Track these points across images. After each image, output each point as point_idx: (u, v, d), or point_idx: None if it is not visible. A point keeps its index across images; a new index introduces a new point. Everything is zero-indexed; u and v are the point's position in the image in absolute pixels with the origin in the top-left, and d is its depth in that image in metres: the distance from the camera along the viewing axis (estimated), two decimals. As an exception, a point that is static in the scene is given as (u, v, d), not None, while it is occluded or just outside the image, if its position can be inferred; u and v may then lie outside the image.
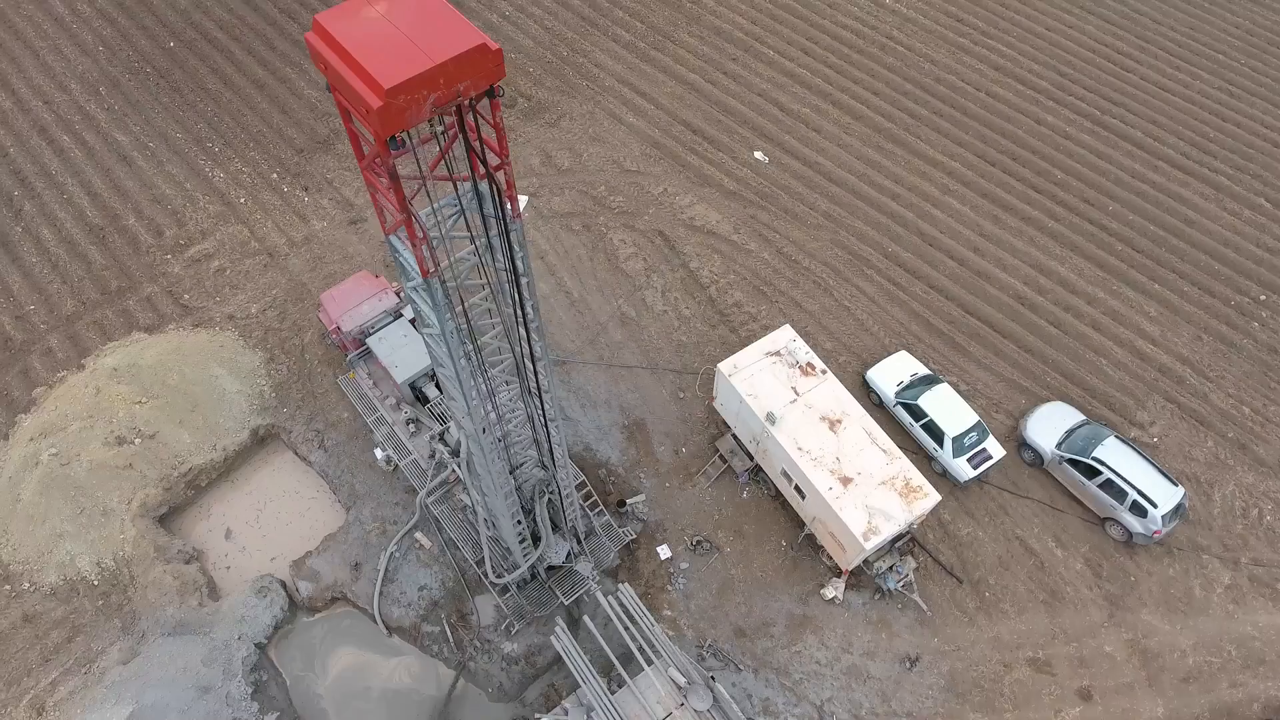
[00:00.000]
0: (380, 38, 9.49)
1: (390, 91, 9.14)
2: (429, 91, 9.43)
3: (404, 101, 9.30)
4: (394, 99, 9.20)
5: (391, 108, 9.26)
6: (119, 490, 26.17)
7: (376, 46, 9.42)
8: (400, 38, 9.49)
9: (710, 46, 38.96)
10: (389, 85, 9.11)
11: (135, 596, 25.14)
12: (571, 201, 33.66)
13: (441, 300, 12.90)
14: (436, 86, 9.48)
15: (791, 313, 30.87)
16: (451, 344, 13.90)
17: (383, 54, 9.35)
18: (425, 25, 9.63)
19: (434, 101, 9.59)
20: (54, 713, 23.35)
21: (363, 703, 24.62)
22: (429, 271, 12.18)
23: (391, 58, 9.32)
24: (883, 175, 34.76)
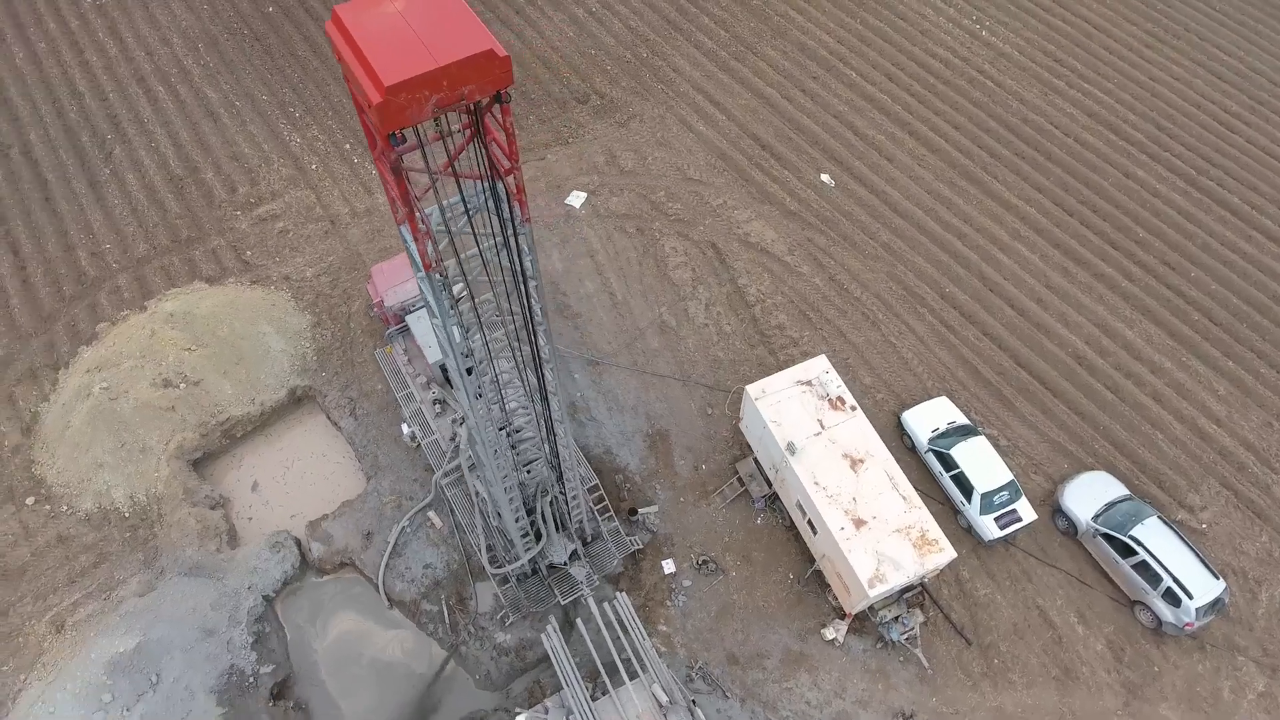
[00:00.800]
0: (391, 34, 9.58)
1: (390, 89, 9.21)
2: (431, 92, 9.47)
3: (404, 100, 9.37)
4: (394, 96, 9.28)
5: (391, 105, 9.34)
6: (159, 430, 27.38)
7: (385, 43, 9.51)
8: (411, 36, 9.56)
9: (792, 62, 38.35)
10: (389, 83, 9.18)
11: (160, 533, 26.27)
12: (629, 203, 33.63)
13: (442, 293, 12.99)
14: (439, 88, 9.51)
15: (835, 342, 30.18)
16: (451, 336, 14.00)
17: (390, 51, 9.43)
18: (437, 26, 9.67)
19: (436, 102, 9.62)
20: (71, 632, 24.59)
21: (355, 668, 25.18)
22: (430, 265, 12.28)
23: (397, 55, 9.39)
24: (951, 213, 33.63)
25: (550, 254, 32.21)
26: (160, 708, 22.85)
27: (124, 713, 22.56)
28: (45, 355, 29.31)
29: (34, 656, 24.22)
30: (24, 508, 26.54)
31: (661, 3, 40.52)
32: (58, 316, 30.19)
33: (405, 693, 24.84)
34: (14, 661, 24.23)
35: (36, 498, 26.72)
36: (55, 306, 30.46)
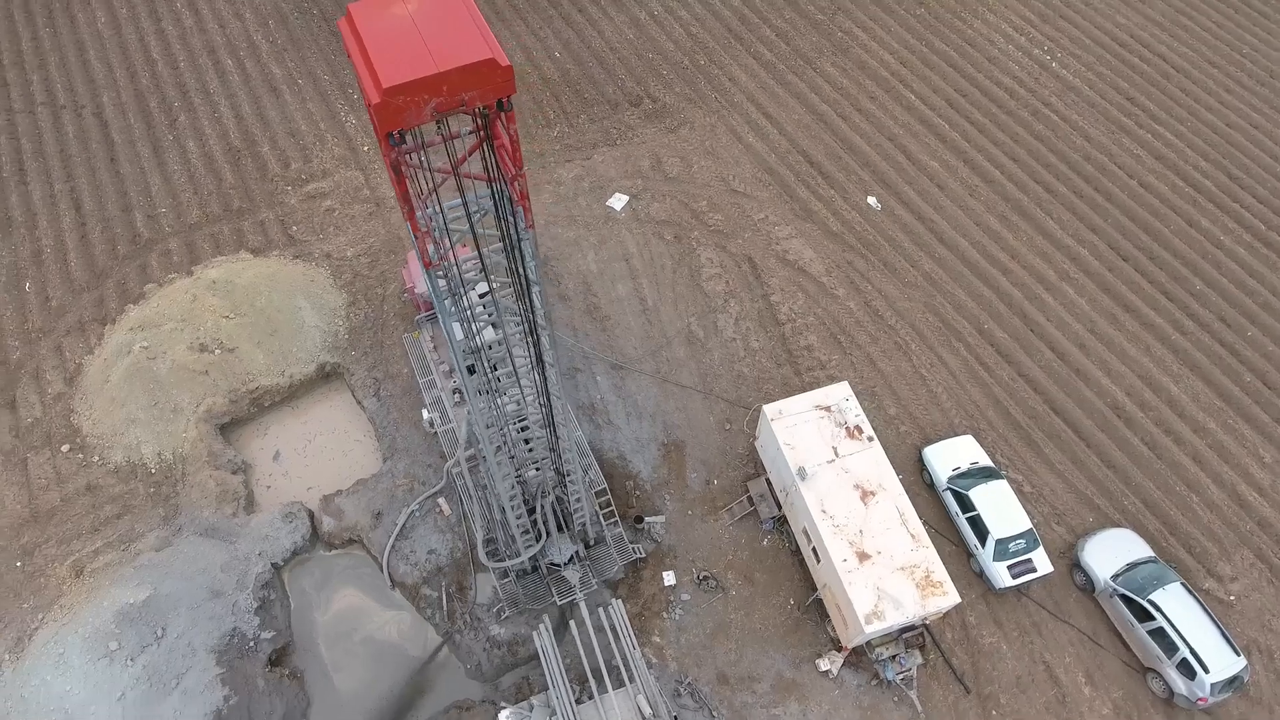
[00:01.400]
0: (397, 36, 9.69)
1: (388, 90, 9.31)
2: (430, 96, 9.54)
3: (402, 102, 9.46)
4: (392, 98, 9.37)
5: (389, 106, 9.44)
6: (191, 393, 28.26)
7: (390, 44, 9.62)
8: (416, 39, 9.65)
9: (851, 80, 37.76)
10: (388, 84, 9.28)
11: (181, 492, 27.13)
12: (670, 210, 33.52)
13: (442, 290, 13.11)
14: (439, 93, 9.58)
15: (863, 369, 29.64)
16: (452, 331, 14.12)
17: (393, 53, 9.53)
18: (444, 30, 9.74)
19: (435, 107, 9.69)
20: (89, 578, 25.56)
21: (351, 644, 25.65)
22: (430, 263, 12.39)
23: (400, 58, 9.49)
24: (999, 247, 32.73)
25: (586, 254, 32.30)
26: (162, 661, 23.60)
27: (128, 662, 23.35)
28: (95, 310, 30.51)
29: (53, 598, 25.23)
30: (59, 454, 27.68)
31: (725, 11, 40.28)
32: (110, 274, 31.39)
33: (397, 673, 25.20)
34: (34, 600, 25.28)
35: (71, 446, 27.83)
36: (108, 264, 31.67)
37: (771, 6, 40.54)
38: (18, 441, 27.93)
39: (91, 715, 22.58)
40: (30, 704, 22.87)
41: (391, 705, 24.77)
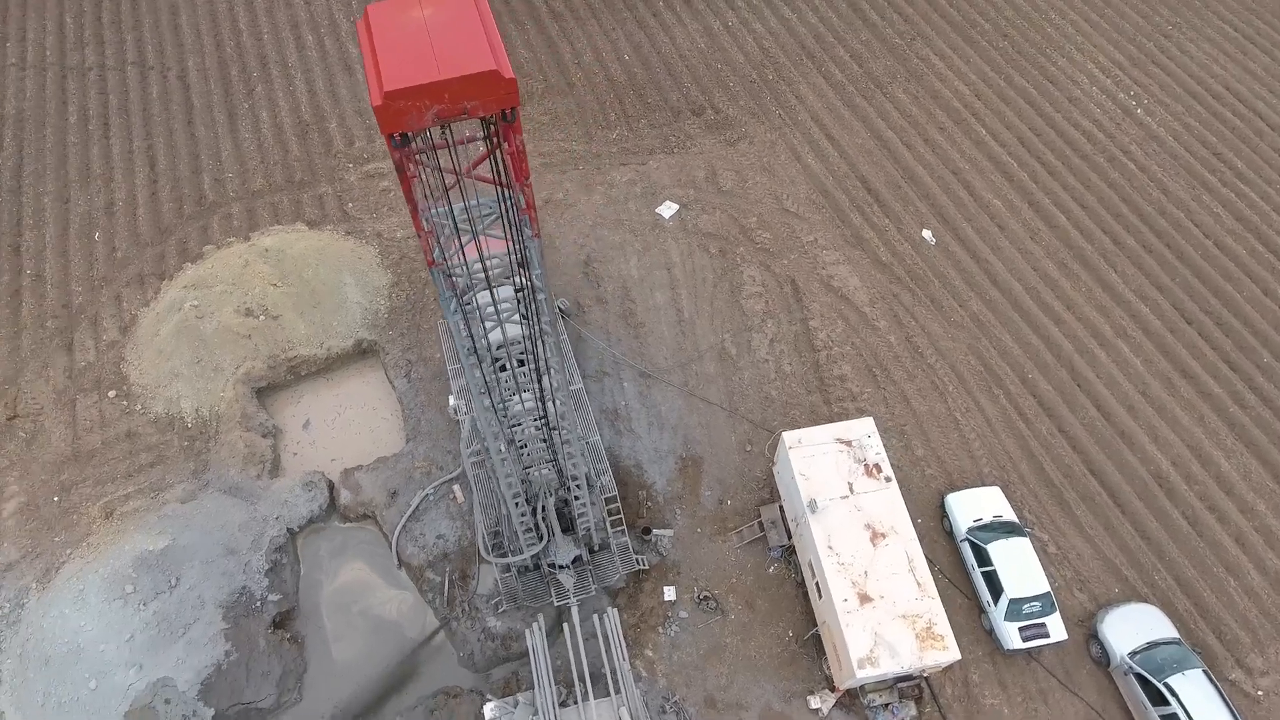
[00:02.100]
0: (408, 40, 9.79)
1: (389, 94, 9.43)
2: (431, 102, 9.63)
3: (404, 106, 9.56)
4: (392, 102, 9.49)
5: (389, 109, 9.55)
6: (233, 355, 29.25)
7: (399, 48, 9.73)
8: (425, 44, 9.74)
9: (921, 108, 36.85)
10: (389, 88, 9.40)
11: (212, 449, 28.11)
12: (718, 224, 33.27)
13: (445, 289, 13.24)
14: (440, 100, 9.65)
15: (895, 405, 28.92)
16: (456, 328, 14.26)
17: (400, 56, 9.64)
18: (454, 38, 9.81)
19: (437, 113, 9.77)
20: (117, 521, 26.70)
21: (352, 616, 26.21)
22: (433, 262, 12.53)
23: (406, 62, 9.60)
24: (1055, 295, 31.52)
25: (629, 259, 32.30)
26: (172, 609, 24.50)
27: (140, 606, 24.32)
28: (155, 265, 31.84)
29: (82, 535, 26.44)
30: (105, 399, 28.97)
31: (801, 28, 39.76)
32: (174, 232, 32.71)
33: (392, 651, 25.64)
34: (65, 535, 26.52)
35: (118, 392, 29.10)
36: (173, 222, 33.01)
37: (849, 27, 39.86)
38: (70, 383, 29.33)
39: (101, 652, 23.58)
40: (47, 634, 24.01)
41: (383, 682, 25.20)
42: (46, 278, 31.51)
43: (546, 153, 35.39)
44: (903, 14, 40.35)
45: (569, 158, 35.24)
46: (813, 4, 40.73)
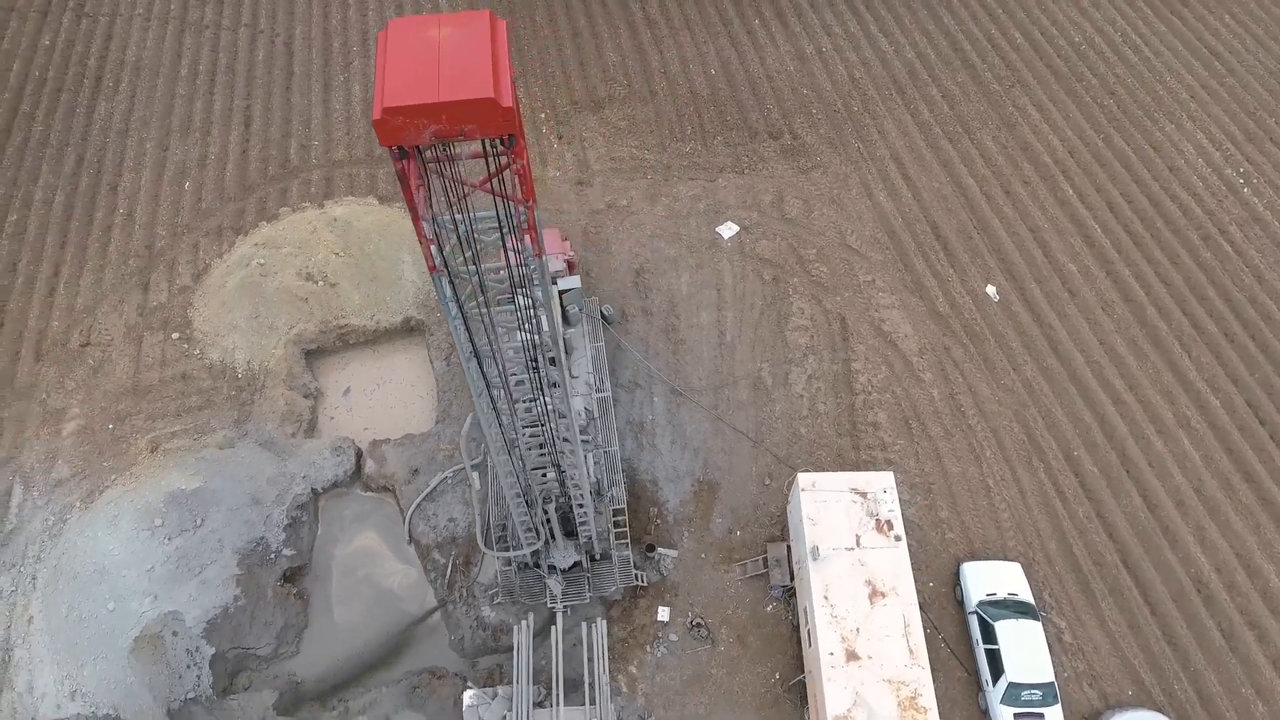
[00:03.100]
0: (417, 58, 10.08)
1: (388, 110, 9.73)
2: (429, 122, 9.88)
3: (401, 123, 9.85)
4: (390, 118, 9.79)
5: (388, 124, 9.86)
6: (288, 315, 30.59)
7: (407, 65, 10.02)
8: (431, 65, 10.00)
9: (1008, 158, 35.52)
10: (387, 105, 9.71)
11: (256, 402, 29.48)
12: (776, 250, 32.88)
13: (448, 294, 13.55)
14: (438, 120, 9.90)
15: (927, 462, 28.07)
16: (458, 334, 14.58)
17: (406, 74, 9.93)
18: (461, 61, 10.04)
19: (435, 133, 10.03)
20: (160, 456, 28.29)
21: (355, 583, 27.11)
22: (434, 267, 12.84)
23: (410, 80, 9.88)
24: (1118, 373, 29.96)
25: (681, 275, 32.27)
26: (193, 548, 25.85)
27: (165, 540, 25.74)
28: (234, 220, 33.55)
29: (128, 465, 28.14)
30: (169, 340, 30.73)
31: (896, 62, 38.86)
32: (255, 190, 34.39)
33: (389, 622, 26.41)
34: (114, 462, 28.29)
35: (181, 335, 30.83)
36: (257, 181, 34.69)
37: (946, 66, 38.73)
38: (140, 320, 31.22)
39: (122, 577, 25.09)
40: (80, 552, 25.68)
41: (376, 650, 26.01)
42: (136, 219, 33.59)
43: (618, 158, 35.66)
44: (1006, 59, 38.96)
45: (639, 166, 35.41)
46: (912, 38, 39.73)
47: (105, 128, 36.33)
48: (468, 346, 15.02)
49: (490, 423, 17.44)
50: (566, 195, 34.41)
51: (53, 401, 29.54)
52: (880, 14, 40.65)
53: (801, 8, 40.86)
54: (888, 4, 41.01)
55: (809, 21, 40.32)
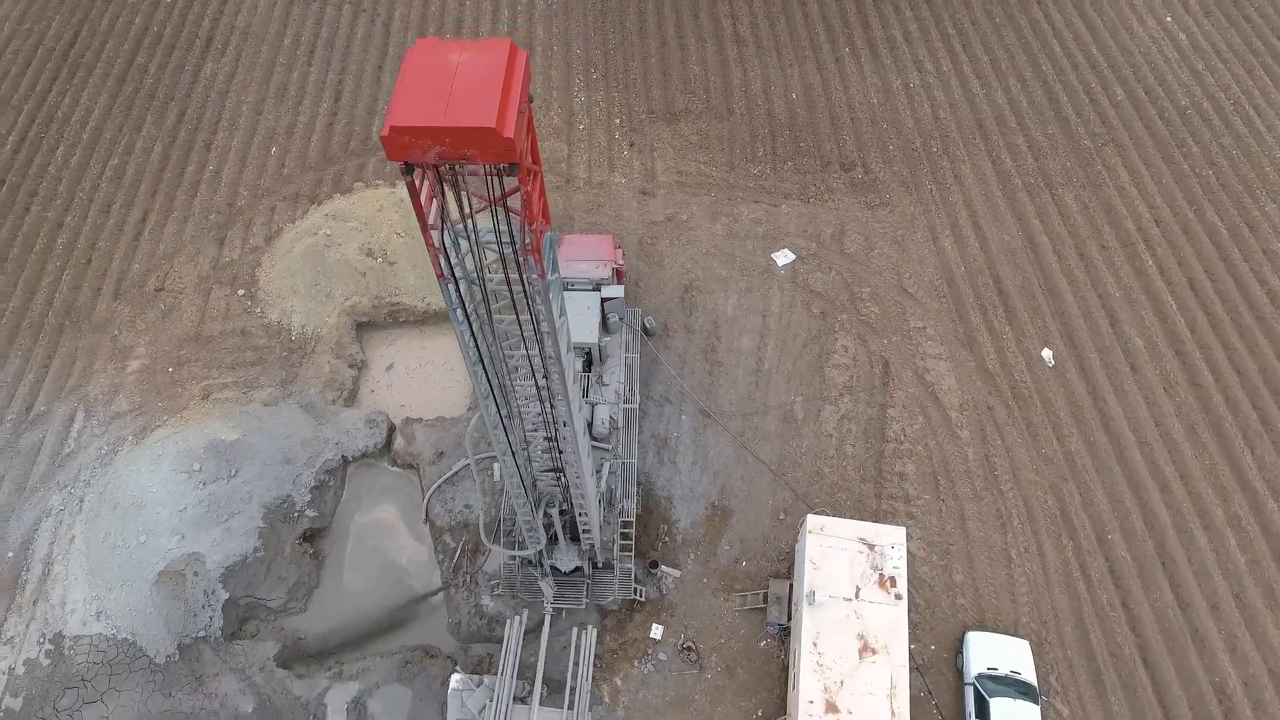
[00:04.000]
0: (432, 80, 10.45)
1: (394, 129, 10.15)
2: (432, 143, 10.26)
3: (406, 141, 10.25)
4: (397, 136, 10.20)
5: (394, 141, 10.28)
6: (345, 287, 31.84)
7: (421, 86, 10.41)
8: (444, 88, 10.36)
9: (1088, 220, 34.10)
10: (393, 123, 10.12)
11: (303, 365, 30.83)
12: (829, 285, 32.44)
13: (455, 301, 13.97)
14: (441, 142, 10.26)
15: (949, 522, 27.31)
16: (464, 340, 15.01)
17: (418, 94, 10.33)
18: (472, 87, 10.37)
19: (438, 154, 10.40)
20: (210, 403, 29.88)
21: (368, 552, 28.10)
22: (441, 274, 13.27)
23: (420, 101, 10.27)
24: (1170, 459, 28.50)
25: (729, 296, 32.18)
26: (223, 496, 27.24)
27: (200, 485, 27.21)
28: (311, 189, 35.07)
29: (180, 407, 29.84)
30: (234, 295, 32.39)
31: (984, 105, 37.74)
32: (335, 163, 35.87)
33: (393, 595, 27.30)
34: (167, 403, 30.04)
35: (246, 292, 32.46)
36: (338, 154, 36.17)
37: (1038, 116, 37.40)
38: (212, 273, 33.00)
39: (156, 513, 26.65)
40: (122, 482, 27.40)
41: (376, 620, 26.93)
42: (223, 177, 35.48)
43: (685, 172, 35.76)
44: (1103, 115, 37.37)
45: (704, 182, 35.43)
46: (1006, 83, 38.51)
47: (208, 87, 38.46)
48: (473, 352, 15.42)
49: (495, 424, 17.86)
50: (628, 203, 34.71)
51: (123, 339, 31.54)
52: (977, 54, 39.53)
53: (895, 41, 40.07)
54: (986, 45, 39.84)
55: (901, 55, 39.53)
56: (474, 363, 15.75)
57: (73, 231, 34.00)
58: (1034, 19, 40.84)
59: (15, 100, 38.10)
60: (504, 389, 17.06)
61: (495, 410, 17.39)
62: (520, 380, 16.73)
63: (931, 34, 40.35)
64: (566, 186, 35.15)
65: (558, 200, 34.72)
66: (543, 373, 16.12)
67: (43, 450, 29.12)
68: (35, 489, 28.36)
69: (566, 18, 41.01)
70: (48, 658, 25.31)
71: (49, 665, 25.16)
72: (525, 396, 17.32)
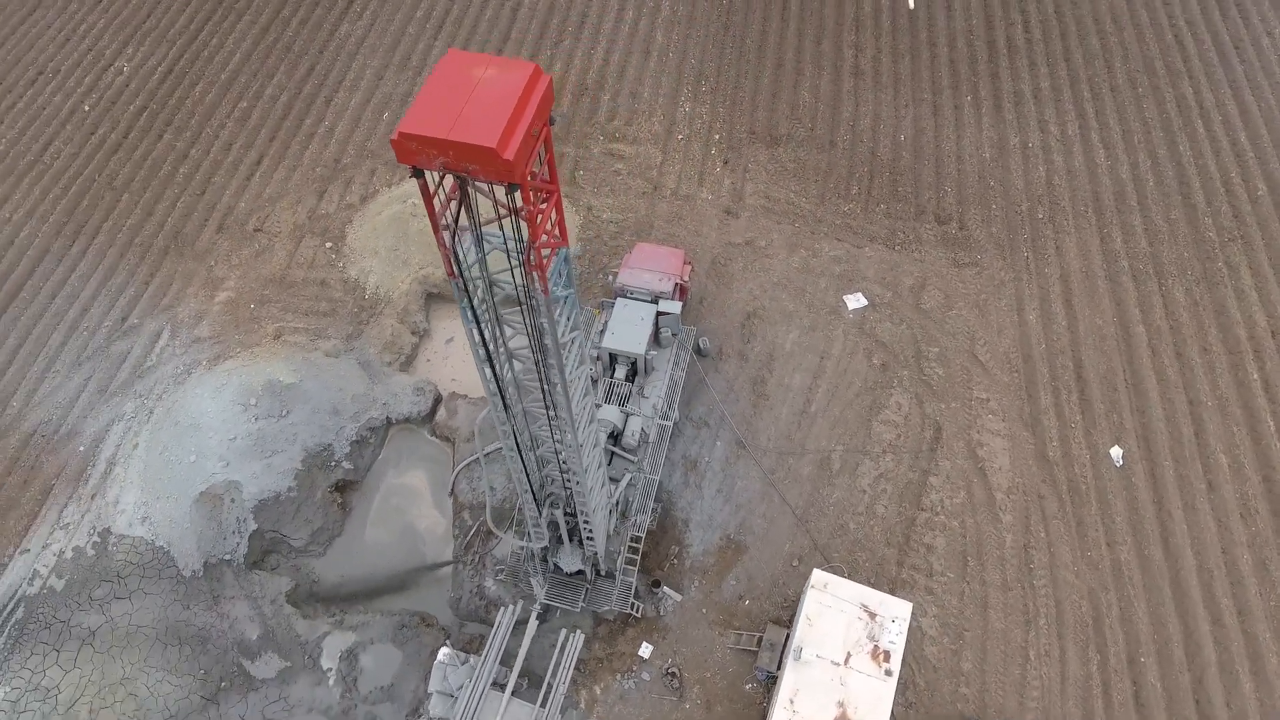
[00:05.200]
0: (451, 93, 10.73)
1: (402, 135, 10.49)
2: (437, 154, 10.55)
3: (413, 148, 10.58)
4: (405, 142, 10.54)
5: (403, 146, 10.62)
6: (422, 256, 33.04)
7: (439, 96, 10.71)
8: (460, 102, 10.62)
9: (1194, 318, 31.61)
10: (403, 130, 10.45)
11: (370, 324, 32.23)
12: (896, 337, 31.36)
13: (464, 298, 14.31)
14: (446, 154, 10.53)
15: (969, 607, 26.05)
16: (471, 337, 15.37)
17: (434, 105, 10.62)
18: (486, 105, 10.59)
19: (443, 164, 10.70)
20: (279, 344, 31.64)
21: (389, 512, 29.26)
22: (452, 273, 13.62)
23: (434, 112, 10.56)
24: (1229, 591, 26.23)
25: (790, 331, 31.60)
26: (270, 433, 28.84)
27: (252, 419, 28.90)
28: (412, 157, 36.46)
29: (252, 343, 31.75)
30: (322, 247, 34.14)
31: (1104, 177, 35.52)
32: (439, 136, 37.14)
33: (404, 557, 28.31)
34: (243, 338, 32.00)
35: (333, 245, 34.16)
36: (443, 128, 37.44)
37: (1163, 197, 34.91)
38: (307, 222, 34.88)
39: (208, 438, 28.49)
40: (187, 403, 29.41)
41: (385, 579, 28.00)
42: (335, 134, 37.40)
43: (774, 198, 35.28)
44: (1236, 208, 34.53)
45: (790, 211, 34.86)
46: (1135, 157, 36.11)
47: (340, 47, 40.56)
48: (481, 349, 15.77)
49: (502, 421, 18.21)
50: (710, 220, 34.55)
51: (217, 270, 33.79)
52: (1109, 123, 37.23)
53: (1023, 96, 38.22)
54: (1122, 115, 37.45)
55: (1026, 112, 37.67)
56: (481, 361, 16.09)
57: (194, 164, 36.61)
58: (1182, 94, 38.10)
59: (171, 34, 41.29)
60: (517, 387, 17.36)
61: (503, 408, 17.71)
62: (527, 379, 16.97)
63: (1064, 94, 38.26)
64: (652, 194, 35.29)
65: (640, 206, 34.93)
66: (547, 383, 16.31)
67: (128, 359, 31.58)
68: (114, 394, 30.80)
69: (688, 26, 41.06)
70: (93, 549, 27.50)
71: (93, 556, 27.34)
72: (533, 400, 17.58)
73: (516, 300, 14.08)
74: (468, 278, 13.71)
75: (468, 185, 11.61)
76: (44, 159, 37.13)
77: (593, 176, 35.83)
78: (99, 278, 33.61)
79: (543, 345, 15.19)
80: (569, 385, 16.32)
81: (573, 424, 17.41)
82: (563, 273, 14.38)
